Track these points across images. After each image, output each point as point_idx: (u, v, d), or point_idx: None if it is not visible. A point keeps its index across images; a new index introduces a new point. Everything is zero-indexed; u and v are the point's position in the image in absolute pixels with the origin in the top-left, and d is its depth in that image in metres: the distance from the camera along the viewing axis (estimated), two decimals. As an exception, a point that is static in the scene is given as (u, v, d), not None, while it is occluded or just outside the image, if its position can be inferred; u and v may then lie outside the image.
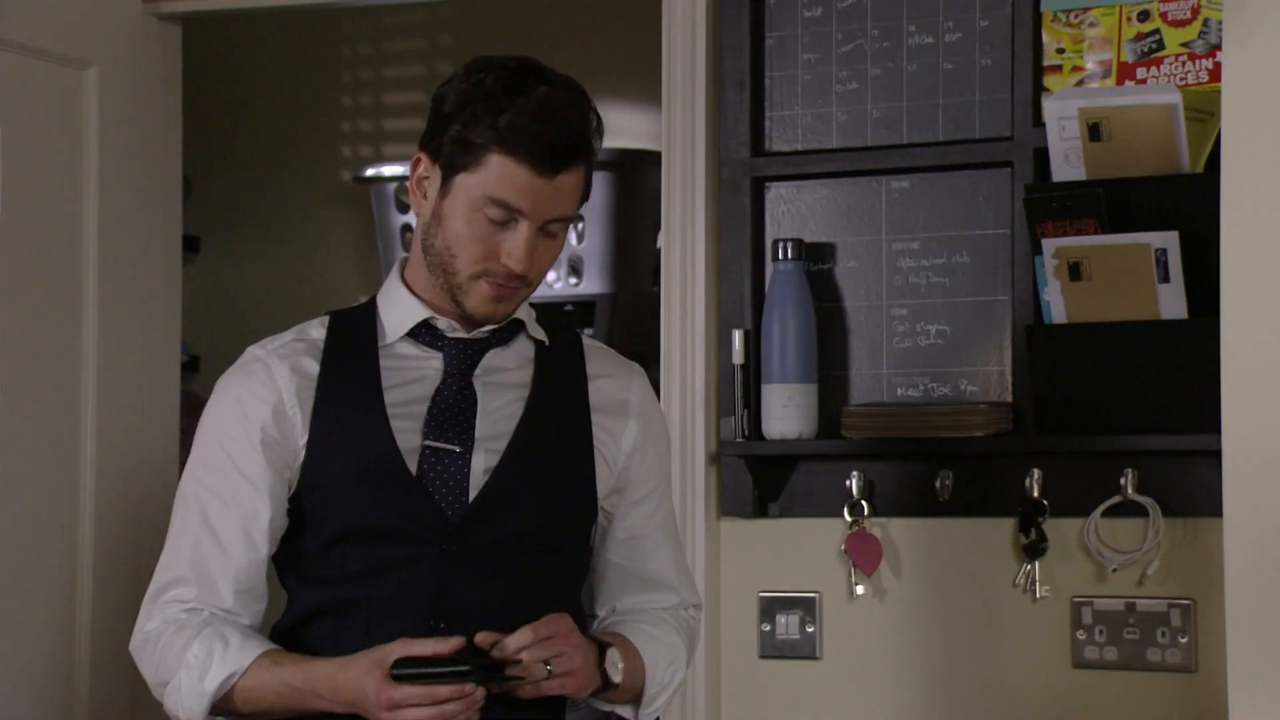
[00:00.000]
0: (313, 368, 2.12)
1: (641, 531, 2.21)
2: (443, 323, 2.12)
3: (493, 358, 2.14)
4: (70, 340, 2.98)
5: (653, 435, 2.22)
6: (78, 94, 2.98)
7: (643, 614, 2.20)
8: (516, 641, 2.01)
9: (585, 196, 2.13)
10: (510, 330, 2.16)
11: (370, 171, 3.89)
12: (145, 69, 3.11)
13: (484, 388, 2.12)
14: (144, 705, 2.96)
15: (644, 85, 3.37)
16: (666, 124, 2.93)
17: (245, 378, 2.13)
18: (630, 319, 3.64)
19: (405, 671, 1.98)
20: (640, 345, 3.33)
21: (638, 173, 3.66)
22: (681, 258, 2.91)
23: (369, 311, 2.17)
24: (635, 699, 2.17)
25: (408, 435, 2.09)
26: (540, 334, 2.18)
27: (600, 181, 3.63)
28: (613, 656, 2.10)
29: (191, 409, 3.41)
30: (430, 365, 2.13)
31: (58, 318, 2.97)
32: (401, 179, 3.81)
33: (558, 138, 2.03)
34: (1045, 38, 2.74)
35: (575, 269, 3.68)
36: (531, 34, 3.85)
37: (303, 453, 2.10)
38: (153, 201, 3.13)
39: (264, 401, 2.10)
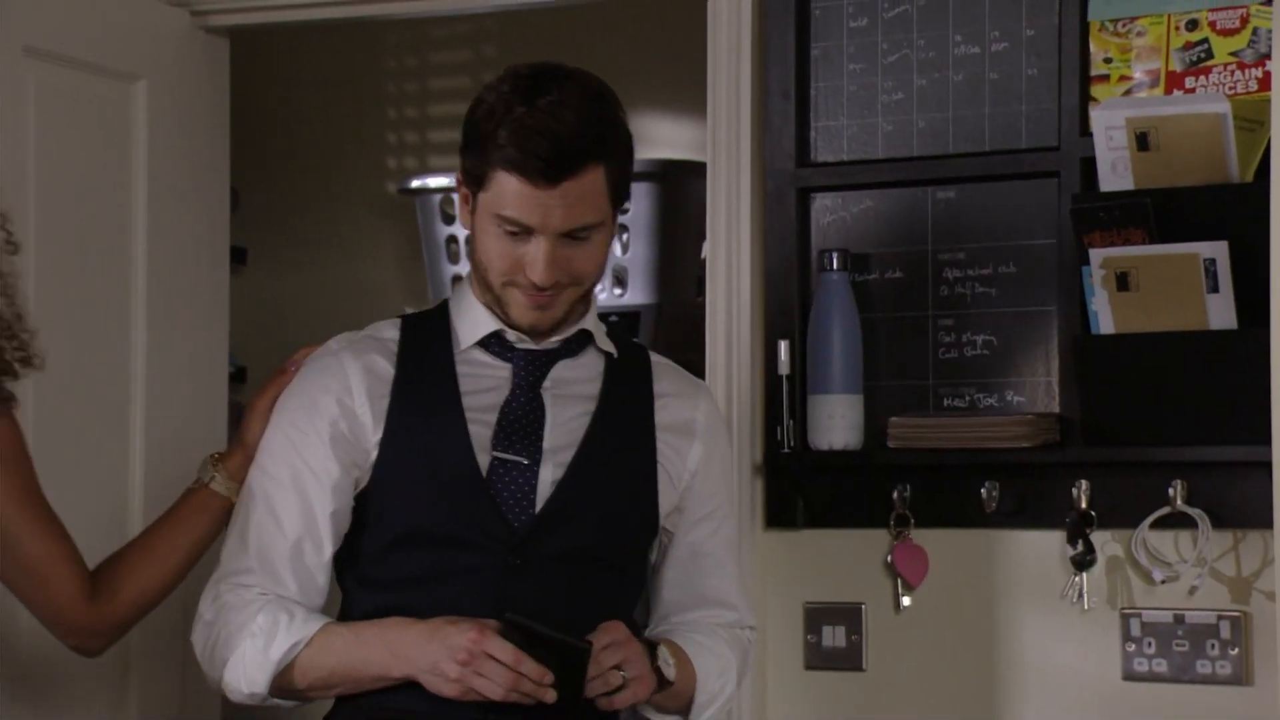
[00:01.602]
0: (385, 367, 2.12)
1: (703, 549, 2.20)
2: (512, 334, 2.13)
3: (562, 369, 2.14)
4: (119, 352, 3.00)
5: (717, 455, 2.22)
6: (126, 107, 3.00)
7: (694, 625, 2.20)
8: (596, 644, 2.00)
9: (619, 198, 2.11)
10: (579, 342, 2.16)
11: (415, 183, 3.90)
12: (193, 82, 3.13)
13: (553, 399, 2.13)
14: (191, 712, 2.98)
15: (688, 96, 3.36)
16: (711, 134, 2.94)
17: (319, 373, 2.14)
18: (675, 330, 3.64)
19: (519, 620, 1.97)
20: (685, 356, 3.32)
21: (682, 183, 3.65)
22: (726, 268, 2.91)
23: (441, 316, 2.17)
24: (684, 708, 2.17)
25: (479, 442, 2.09)
26: (609, 347, 2.18)
27: (644, 192, 3.63)
28: (663, 654, 2.11)
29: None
30: (501, 374, 2.13)
31: (106, 329, 2.99)
32: (446, 190, 3.83)
33: (552, 148, 2.01)
34: (1093, 47, 2.73)
35: (620, 279, 3.68)
36: (575, 45, 3.85)
37: (374, 451, 2.10)
38: (200, 213, 3.15)
39: (334, 397, 2.11)
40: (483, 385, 2.12)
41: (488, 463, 2.08)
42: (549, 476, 2.09)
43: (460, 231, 3.79)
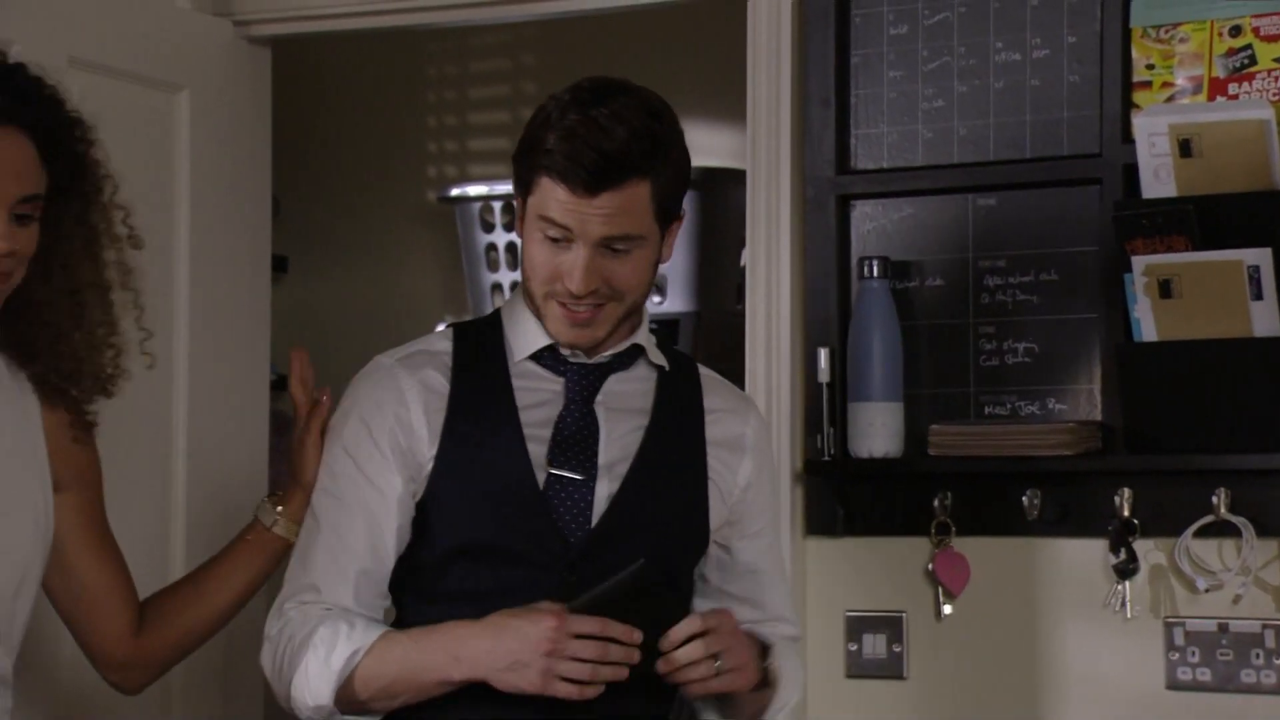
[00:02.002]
0: (439, 379, 2.12)
1: (760, 565, 2.21)
2: (566, 349, 2.13)
3: (614, 383, 2.14)
4: (161, 359, 3.01)
5: (766, 470, 2.22)
6: (170, 117, 3.02)
7: (763, 635, 2.19)
8: (684, 630, 2.00)
9: (666, 215, 2.10)
10: (631, 355, 2.15)
11: (455, 191, 3.91)
12: (235, 92, 3.15)
13: (606, 413, 2.12)
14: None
15: (728, 103, 3.37)
16: (751, 142, 2.94)
17: (372, 387, 2.13)
18: (714, 338, 3.64)
19: (580, 602, 1.97)
20: (724, 364, 3.33)
21: (722, 191, 3.65)
22: (766, 276, 2.91)
23: (494, 326, 2.16)
24: (757, 715, 2.16)
25: (534, 458, 2.09)
26: (661, 360, 2.18)
27: (685, 200, 3.63)
28: (773, 654, 2.10)
29: (280, 428, 3.45)
30: (553, 387, 2.13)
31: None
32: (486, 198, 3.83)
33: (594, 158, 2.01)
34: (1135, 54, 2.72)
35: (659, 287, 3.68)
36: (615, 53, 3.86)
37: (429, 464, 2.09)
38: (242, 222, 3.17)
39: (390, 410, 2.10)
40: (536, 399, 2.11)
41: (543, 479, 2.08)
42: (605, 492, 2.09)
43: (500, 239, 3.80)
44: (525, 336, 2.13)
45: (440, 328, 2.69)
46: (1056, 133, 2.77)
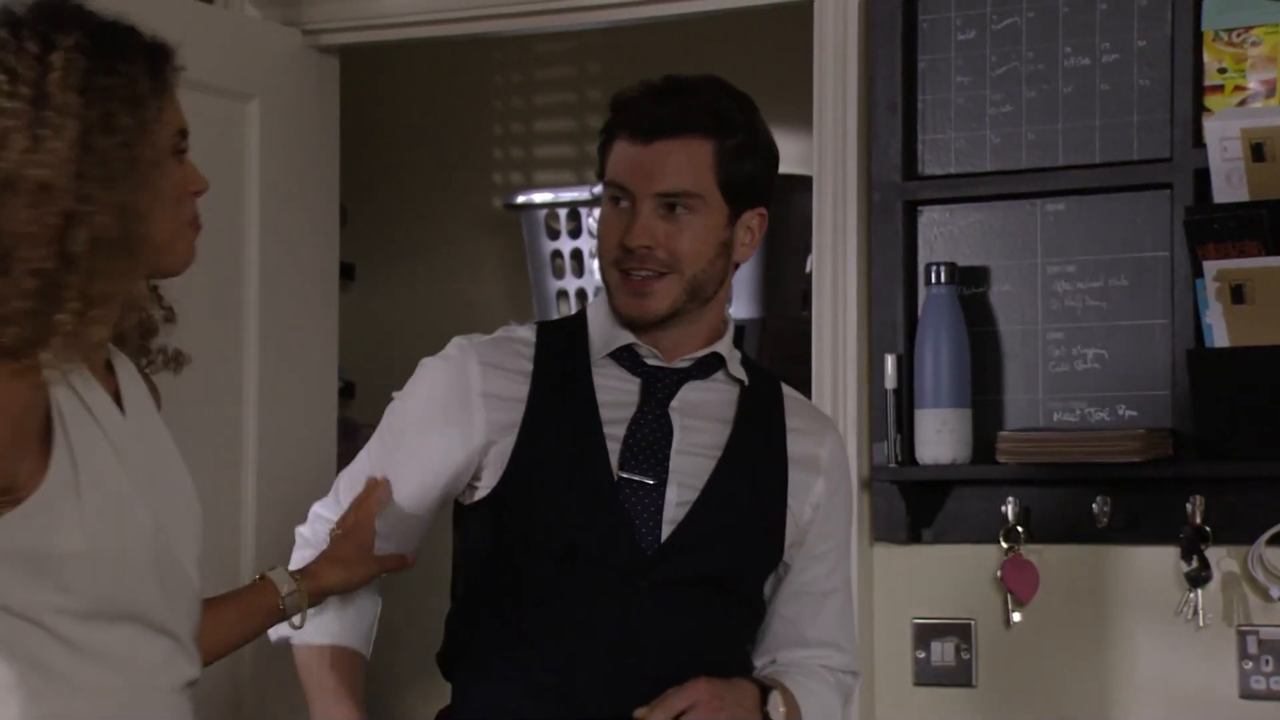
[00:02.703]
0: (517, 366, 2.11)
1: (816, 588, 2.16)
2: (644, 348, 2.12)
3: (690, 390, 2.12)
4: (232, 365, 3.04)
5: (840, 493, 2.19)
6: (240, 126, 3.05)
7: (802, 668, 2.16)
8: (662, 716, 1.98)
9: (732, 187, 2.07)
10: (710, 365, 2.14)
11: (521, 198, 3.92)
12: (304, 101, 3.17)
13: (681, 419, 2.11)
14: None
15: (795, 109, 3.36)
16: (818, 148, 2.93)
17: (441, 369, 2.13)
18: (780, 344, 3.63)
19: None
20: (790, 370, 3.32)
21: (788, 197, 3.63)
22: (833, 282, 2.90)
23: (579, 325, 2.16)
24: None
25: (611, 457, 2.08)
26: (741, 374, 2.16)
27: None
28: (774, 700, 2.08)
29: (348, 434, 3.47)
30: (630, 388, 2.11)
31: (219, 342, 3.03)
32: (552, 205, 3.84)
33: (653, 105, 2.04)
34: (1206, 57, 2.70)
35: (725, 293, 3.68)
36: (681, 60, 3.85)
37: (496, 452, 2.08)
38: (311, 230, 3.19)
39: (452, 391, 2.10)
40: (615, 399, 2.11)
41: (616, 479, 2.07)
42: (675, 498, 2.07)
43: (566, 246, 3.81)
44: (606, 334, 2.12)
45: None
46: (1126, 137, 2.75)
